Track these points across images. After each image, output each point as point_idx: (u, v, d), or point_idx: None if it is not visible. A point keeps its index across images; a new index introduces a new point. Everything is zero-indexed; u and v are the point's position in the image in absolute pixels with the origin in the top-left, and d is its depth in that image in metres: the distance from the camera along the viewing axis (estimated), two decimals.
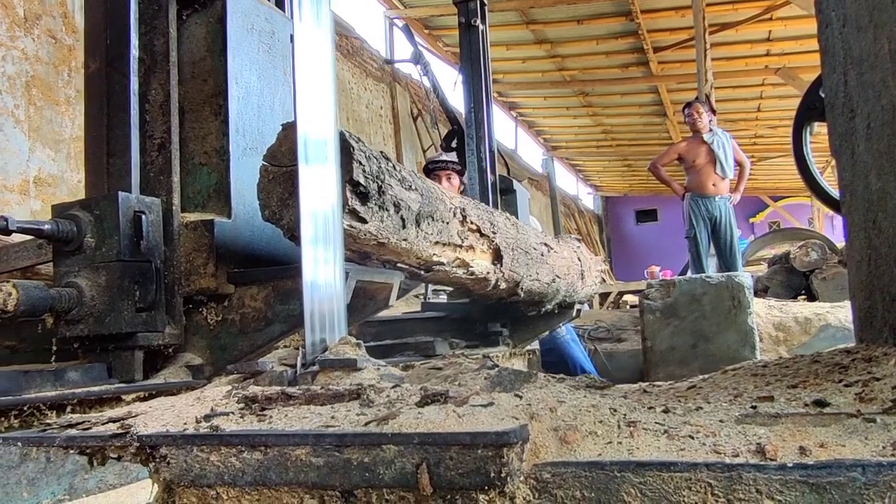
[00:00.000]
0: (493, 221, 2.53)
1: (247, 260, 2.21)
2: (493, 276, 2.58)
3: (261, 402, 1.12)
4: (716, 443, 0.89)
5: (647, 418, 0.97)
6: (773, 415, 0.94)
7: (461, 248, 2.28)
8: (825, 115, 2.21)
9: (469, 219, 2.30)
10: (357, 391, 1.12)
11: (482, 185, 4.07)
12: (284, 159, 1.71)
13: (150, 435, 1.04)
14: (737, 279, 3.22)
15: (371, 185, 1.68)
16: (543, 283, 3.16)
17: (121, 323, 1.92)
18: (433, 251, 2.11)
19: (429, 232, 2.03)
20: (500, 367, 1.32)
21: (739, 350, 3.17)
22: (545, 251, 3.18)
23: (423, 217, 1.98)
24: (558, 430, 0.93)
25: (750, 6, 11.12)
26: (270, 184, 1.76)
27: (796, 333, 4.00)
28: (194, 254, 2.12)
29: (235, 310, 2.12)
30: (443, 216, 2.11)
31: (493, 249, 2.54)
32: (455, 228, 2.22)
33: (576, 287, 3.69)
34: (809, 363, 1.30)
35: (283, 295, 2.06)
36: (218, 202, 2.21)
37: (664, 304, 3.31)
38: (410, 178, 1.92)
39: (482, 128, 4.13)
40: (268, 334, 2.06)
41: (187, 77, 2.27)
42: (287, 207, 1.72)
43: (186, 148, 2.24)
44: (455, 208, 2.21)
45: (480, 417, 0.94)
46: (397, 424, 0.94)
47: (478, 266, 2.44)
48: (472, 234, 2.35)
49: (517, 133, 17.99)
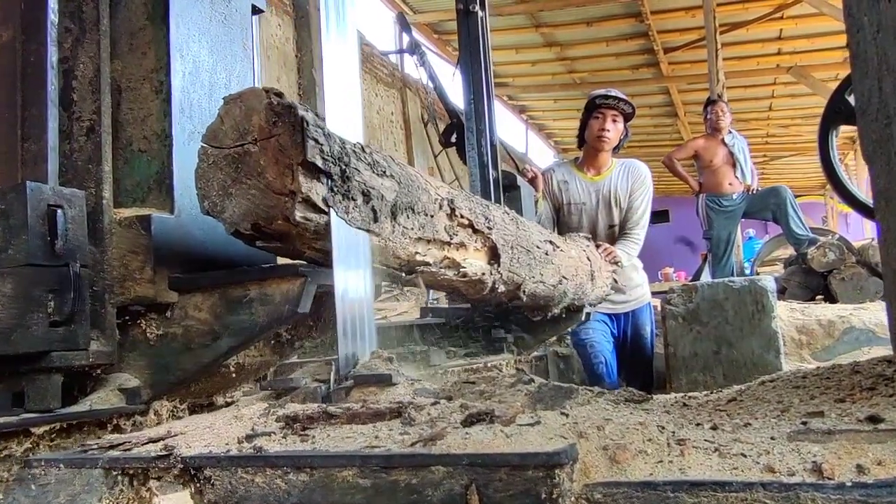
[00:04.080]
0: (489, 216, 2.22)
1: (196, 263, 1.89)
2: (490, 278, 2.28)
3: (302, 422, 1.12)
4: (769, 461, 0.88)
5: (696, 436, 0.96)
6: (826, 431, 0.92)
7: (450, 245, 1.99)
8: (851, 119, 2.20)
9: (459, 212, 2.01)
10: (398, 409, 1.12)
11: (483, 180, 3.84)
12: (227, 139, 1.45)
13: (195, 456, 1.04)
14: (760, 283, 3.20)
15: (332, 168, 1.43)
16: (548, 286, 2.87)
17: (31, 340, 1.59)
18: (415, 249, 1.84)
19: (408, 227, 1.73)
20: (539, 382, 1.31)
21: (763, 355, 3.14)
22: (550, 250, 2.86)
23: (401, 209, 1.68)
24: (607, 449, 0.92)
25: (761, 5, 11.07)
26: (210, 169, 1.48)
27: (819, 336, 3.97)
28: (129, 256, 1.81)
29: (178, 322, 1.81)
30: (426, 208, 1.81)
31: (488, 247, 2.24)
32: (442, 223, 1.92)
33: (585, 289, 3.38)
34: (850, 374, 1.28)
35: (231, 304, 1.75)
36: (159, 195, 1.91)
37: (686, 310, 3.28)
38: (384, 162, 1.64)
39: (482, 120, 3.88)
40: (215, 350, 1.76)
41: (124, 50, 1.97)
42: (230, 198, 1.46)
43: (124, 132, 1.94)
44: (441, 199, 1.91)
45: (528, 437, 0.94)
46: (445, 445, 0.93)
47: (471, 266, 2.14)
48: (462, 229, 2.06)
49: (527, 136, 17.98)
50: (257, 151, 1.41)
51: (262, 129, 1.40)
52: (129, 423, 1.76)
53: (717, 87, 9.46)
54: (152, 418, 1.80)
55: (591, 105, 4.00)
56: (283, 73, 9.25)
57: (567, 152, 19.40)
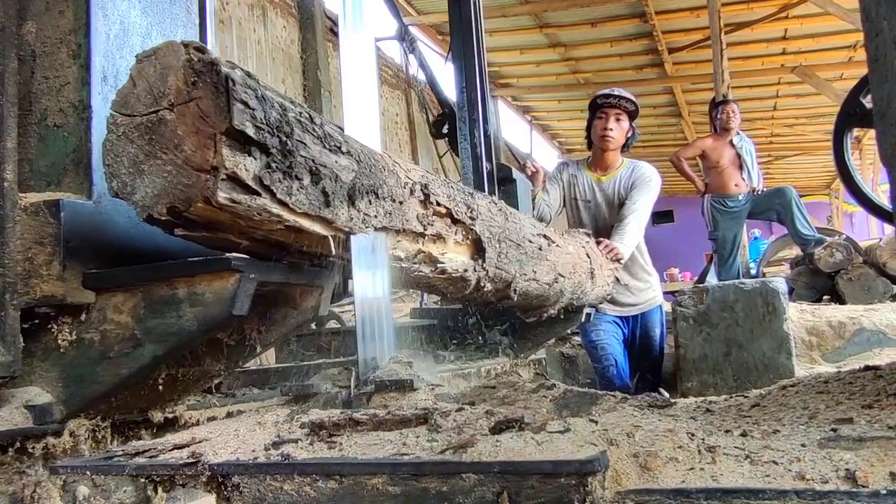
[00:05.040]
0: (471, 204, 1.98)
1: (120, 258, 1.60)
2: (474, 275, 2.04)
3: (329, 429, 1.12)
4: (801, 469, 0.88)
5: (726, 442, 0.96)
6: (857, 438, 0.92)
7: (424, 237, 1.75)
8: (866, 121, 2.20)
9: (435, 199, 1.76)
10: (424, 416, 1.12)
11: (477, 173, 3.63)
12: (139, 105, 1.23)
13: (222, 463, 1.04)
14: (771, 285, 3.20)
15: (269, 139, 1.21)
16: (542, 284, 2.63)
17: None
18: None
19: (371, 214, 1.48)
20: (563, 388, 1.31)
21: (774, 357, 3.13)
22: (544, 245, 2.62)
23: (361, 193, 1.44)
24: (638, 456, 0.93)
25: (765, 5, 11.06)
26: (120, 142, 1.25)
27: (830, 338, 3.97)
28: (35, 248, 1.53)
29: (95, 326, 1.52)
30: (393, 193, 1.57)
31: (471, 240, 2.01)
32: (413, 211, 1.68)
33: (584, 288, 3.18)
34: (873, 379, 1.28)
35: (155, 305, 1.48)
36: (76, 177, 1.64)
37: (696, 312, 3.28)
38: (340, 136, 1.42)
39: (475, 110, 3.65)
40: (137, 360, 1.48)
41: (40, 10, 1.72)
42: (142, 176, 1.23)
43: (38, 104, 1.69)
44: (413, 184, 1.66)
45: (559, 444, 0.94)
46: (476, 453, 0.93)
47: (451, 262, 1.91)
48: (439, 219, 1.82)
49: (532, 136, 17.99)
50: (174, 118, 1.20)
51: (179, 91, 1.19)
52: (38, 447, 1.49)
53: (721, 87, 9.44)
54: (68, 440, 1.54)
55: (594, 105, 4.00)
56: (288, 75, 9.26)
57: (572, 153, 19.41)
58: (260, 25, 8.82)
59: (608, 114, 3.89)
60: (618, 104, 3.88)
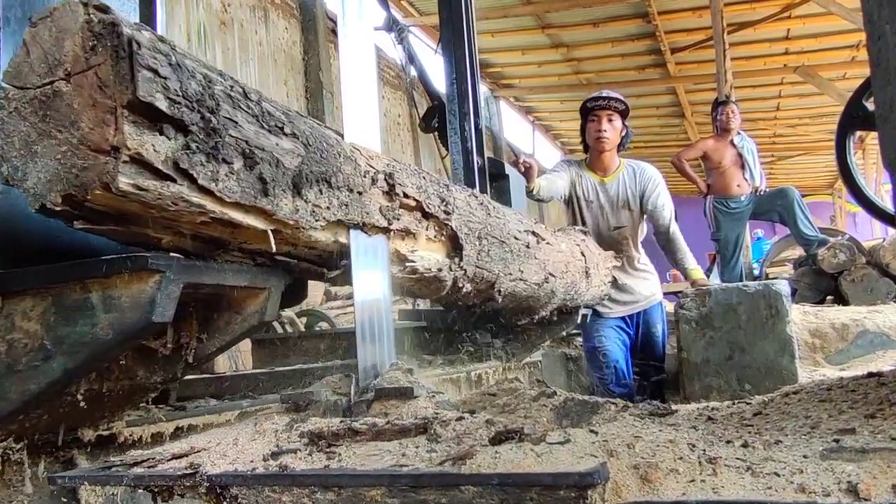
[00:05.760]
0: (447, 197, 1.80)
1: (36, 256, 1.36)
2: (449, 275, 1.86)
3: (327, 439, 1.11)
4: (803, 481, 0.87)
5: (727, 453, 0.95)
6: (859, 449, 0.92)
7: (389, 232, 1.59)
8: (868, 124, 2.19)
9: (401, 189, 1.59)
10: (423, 425, 1.11)
11: (467, 168, 3.49)
12: (33, 75, 1.06)
13: (221, 475, 1.04)
14: (774, 287, 3.18)
15: (187, 115, 1.04)
16: (531, 284, 2.44)
17: None
18: (335, 237, 1.42)
19: (322, 205, 1.32)
20: (564, 396, 1.31)
21: (777, 360, 3.12)
22: (532, 242, 2.44)
23: (310, 181, 1.28)
24: (638, 467, 0.92)
25: (768, 4, 11.03)
26: (11, 119, 1.07)
27: (833, 340, 3.95)
28: None
29: (2, 335, 1.31)
30: (350, 182, 1.39)
31: (447, 237, 1.84)
32: (376, 203, 1.51)
33: (578, 288, 3.02)
34: (877, 386, 1.27)
35: (68, 310, 1.27)
36: None
37: (699, 315, 3.27)
38: (282, 115, 1.25)
39: (466, 102, 3.52)
40: (47, 374, 1.27)
41: None
42: (34, 159, 1.06)
43: None
44: (375, 172, 1.49)
45: (559, 456, 0.93)
46: (475, 464, 0.93)
47: (423, 261, 1.74)
48: (408, 212, 1.65)
49: (534, 137, 17.99)
50: (70, 90, 1.03)
51: (76, 58, 1.02)
52: None
53: (724, 87, 9.42)
54: None
55: (584, 110, 4.05)
56: (291, 77, 9.26)
57: (574, 153, 19.39)
58: (262, 27, 8.83)
59: (600, 116, 3.93)
60: (608, 105, 3.92)
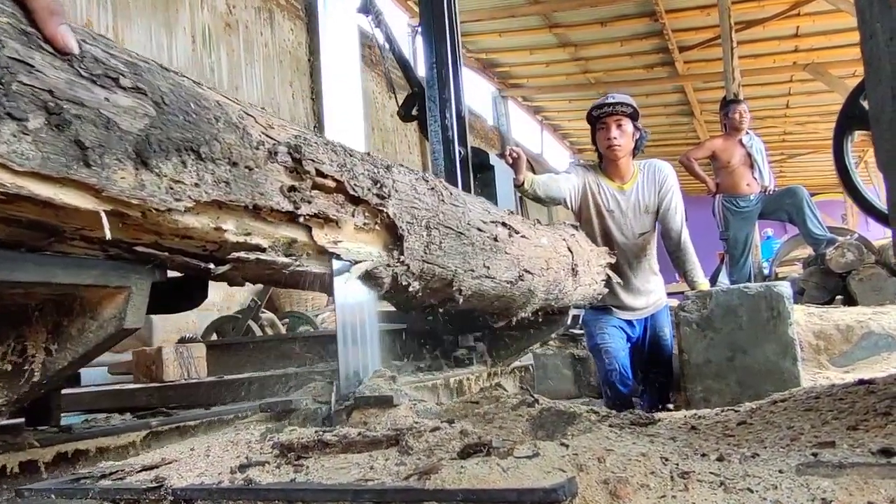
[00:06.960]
0: (381, 179, 1.49)
1: None
2: (387, 272, 1.55)
3: (297, 451, 1.09)
4: (776, 497, 0.84)
5: (700, 468, 0.92)
6: (837, 465, 0.89)
7: (297, 218, 1.26)
8: (866, 123, 2.14)
9: (313, 167, 1.28)
10: (395, 437, 1.09)
11: (448, 158, 3.27)
12: None
13: (185, 489, 1.02)
14: (776, 289, 3.13)
15: None
16: (501, 282, 2.16)
17: None
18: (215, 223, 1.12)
19: (185, 181, 1.04)
20: (541, 407, 1.28)
21: (779, 362, 3.07)
22: (502, 235, 2.15)
23: (166, 149, 1.01)
24: (608, 482, 0.89)
25: (776, 2, 10.95)
26: None
27: (837, 342, 3.90)
28: None
29: None
30: (234, 154, 1.12)
31: (384, 226, 1.53)
32: (275, 181, 1.21)
33: (564, 287, 2.73)
34: (865, 394, 1.24)
35: None
36: None
37: (700, 317, 3.23)
38: (121, 63, 0.97)
39: (446, 89, 3.32)
40: None
41: None
42: None
43: None
44: (275, 144, 1.21)
45: (526, 471, 0.90)
46: (439, 479, 0.90)
47: (351, 253, 1.44)
48: (325, 195, 1.33)
49: (542, 136, 17.94)
50: None
51: None
52: None
53: (733, 85, 9.34)
54: None
55: (591, 119, 3.90)
56: (296, 78, 9.27)
57: (583, 152, 19.32)
58: (267, 28, 8.83)
59: (608, 123, 3.76)
60: (614, 111, 3.75)
